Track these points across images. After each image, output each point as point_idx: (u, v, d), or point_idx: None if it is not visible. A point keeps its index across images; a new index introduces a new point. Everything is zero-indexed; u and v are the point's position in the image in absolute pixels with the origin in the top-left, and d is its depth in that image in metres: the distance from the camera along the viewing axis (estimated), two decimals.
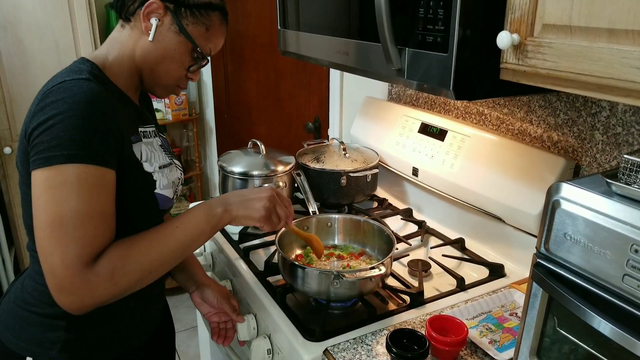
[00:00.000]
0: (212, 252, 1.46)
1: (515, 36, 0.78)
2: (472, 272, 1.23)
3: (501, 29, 0.80)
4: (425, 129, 1.48)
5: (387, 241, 1.15)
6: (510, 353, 0.91)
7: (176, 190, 1.04)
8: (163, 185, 0.97)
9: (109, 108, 0.85)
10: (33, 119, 0.82)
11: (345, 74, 1.96)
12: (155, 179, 0.96)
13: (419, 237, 1.39)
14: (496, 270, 1.22)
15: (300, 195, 1.52)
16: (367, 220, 1.24)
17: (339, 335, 1.00)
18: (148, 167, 0.95)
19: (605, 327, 0.64)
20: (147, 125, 1.01)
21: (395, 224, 1.48)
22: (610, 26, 0.67)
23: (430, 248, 1.35)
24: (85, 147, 0.80)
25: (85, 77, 0.85)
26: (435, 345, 0.90)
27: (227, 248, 1.36)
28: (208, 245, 1.48)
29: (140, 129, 0.97)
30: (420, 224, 1.45)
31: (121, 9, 0.95)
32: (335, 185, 1.47)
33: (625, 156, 0.65)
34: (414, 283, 1.15)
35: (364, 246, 1.25)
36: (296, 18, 1.31)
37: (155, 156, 0.98)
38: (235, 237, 1.39)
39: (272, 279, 1.20)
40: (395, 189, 1.67)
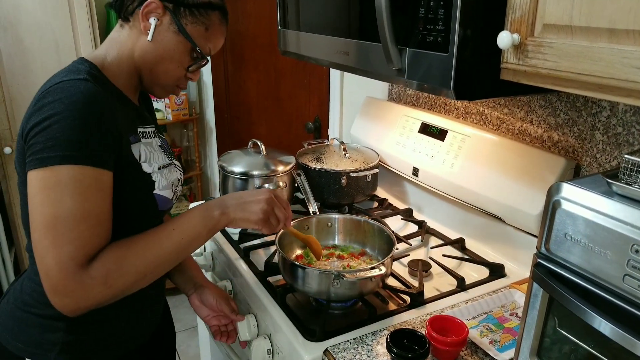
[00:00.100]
0: (212, 252, 1.46)
1: (515, 36, 0.78)
2: (473, 272, 1.23)
3: (501, 29, 0.80)
4: (426, 129, 1.48)
5: (388, 241, 1.15)
6: (510, 353, 0.91)
7: (175, 191, 1.03)
8: (162, 186, 0.96)
9: (107, 108, 0.84)
10: (30, 119, 0.82)
11: (345, 74, 1.96)
12: (154, 179, 0.95)
13: (419, 237, 1.39)
14: (496, 271, 1.22)
15: (300, 195, 1.52)
16: (368, 220, 1.24)
17: (339, 335, 1.00)
18: (147, 168, 0.94)
19: (605, 327, 0.64)
20: (147, 126, 1.00)
21: (395, 224, 1.48)
22: (610, 26, 0.67)
23: (431, 248, 1.35)
24: (82, 148, 0.80)
25: (83, 78, 0.85)
26: (435, 345, 0.90)
27: (227, 248, 1.36)
28: (208, 245, 1.48)
29: (139, 129, 0.97)
30: (421, 224, 1.45)
31: (120, 8, 0.95)
32: (335, 185, 1.47)
33: (626, 156, 0.65)
34: (414, 283, 1.15)
35: (364, 246, 1.25)
36: (296, 18, 1.31)
37: (155, 157, 0.97)
38: (236, 237, 1.39)
39: (273, 279, 1.20)
40: (395, 189, 1.67)
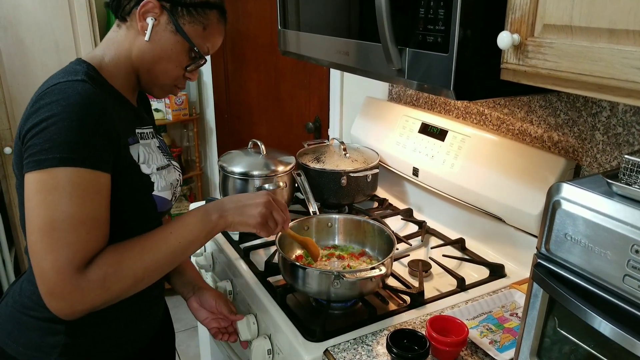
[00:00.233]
0: (213, 252, 1.46)
1: (515, 36, 0.78)
2: (473, 273, 1.23)
3: (502, 29, 0.80)
4: (426, 129, 1.48)
5: (388, 241, 1.15)
6: (510, 353, 0.91)
7: (174, 192, 1.03)
8: (161, 187, 0.96)
9: (105, 110, 0.83)
10: (27, 121, 0.81)
11: (345, 74, 1.96)
12: (153, 180, 0.95)
13: (420, 237, 1.39)
14: (496, 271, 1.22)
15: (300, 195, 1.52)
16: (368, 221, 1.24)
17: (339, 335, 1.00)
18: (146, 169, 0.94)
19: (605, 328, 0.64)
20: (145, 127, 1.00)
21: (395, 224, 1.48)
22: (611, 26, 0.67)
23: (431, 248, 1.35)
24: (79, 150, 0.79)
25: (81, 79, 0.84)
26: (435, 345, 0.90)
27: (228, 248, 1.36)
28: (208, 245, 1.47)
29: (138, 131, 0.96)
30: (421, 224, 1.45)
31: (117, 8, 0.94)
32: (335, 186, 1.47)
33: (626, 156, 0.65)
34: (415, 283, 1.15)
35: (364, 246, 1.25)
36: (296, 18, 1.31)
37: (153, 158, 0.97)
38: (236, 237, 1.39)
39: (273, 279, 1.20)
40: (395, 189, 1.67)
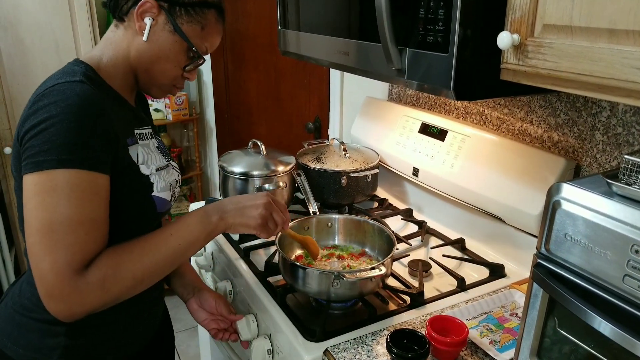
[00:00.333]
0: (213, 253, 1.46)
1: (515, 36, 0.78)
2: (473, 273, 1.23)
3: (501, 29, 0.80)
4: (426, 129, 1.48)
5: (388, 241, 1.15)
6: (510, 353, 0.91)
7: (174, 192, 1.02)
8: (160, 188, 0.96)
9: (103, 111, 0.83)
10: (25, 122, 0.81)
11: (345, 74, 1.96)
12: (152, 181, 0.94)
13: (420, 237, 1.39)
14: (496, 271, 1.22)
15: (300, 195, 1.52)
16: (368, 221, 1.24)
17: (339, 335, 1.00)
18: (145, 170, 0.94)
19: (605, 328, 0.64)
20: (144, 127, 0.99)
21: (395, 224, 1.48)
22: (610, 26, 0.67)
23: (431, 248, 1.35)
24: (77, 152, 0.79)
25: (79, 80, 0.84)
26: (435, 345, 0.90)
27: (228, 248, 1.36)
28: (208, 245, 1.47)
29: (136, 131, 0.96)
30: (421, 224, 1.45)
31: (114, 8, 0.93)
32: (335, 186, 1.47)
33: (626, 156, 0.65)
34: (415, 283, 1.15)
35: (364, 246, 1.25)
36: (296, 18, 1.31)
37: (152, 158, 0.97)
38: (236, 237, 1.39)
39: (273, 279, 1.20)
40: (395, 189, 1.67)
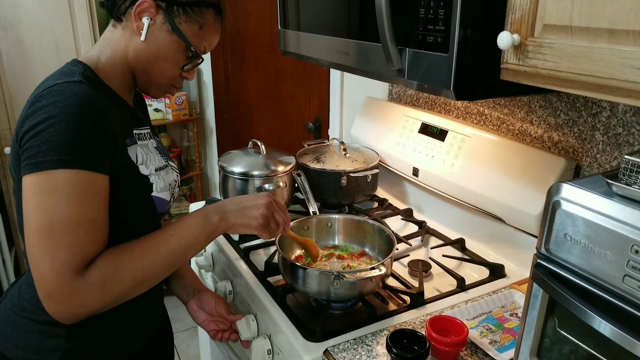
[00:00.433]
0: (212, 253, 1.46)
1: (515, 36, 0.78)
2: (473, 273, 1.23)
3: (501, 29, 0.80)
4: (426, 129, 1.48)
5: (388, 241, 1.15)
6: (510, 353, 0.91)
7: (173, 192, 1.02)
8: (160, 188, 0.96)
9: (102, 111, 0.83)
10: (24, 123, 0.80)
11: (345, 74, 1.96)
12: (151, 181, 0.94)
13: (419, 238, 1.39)
14: (496, 271, 1.22)
15: (300, 195, 1.52)
16: (368, 221, 1.24)
17: (339, 335, 1.00)
18: (144, 170, 0.93)
19: (605, 328, 0.64)
20: (142, 127, 0.99)
21: (395, 224, 1.48)
22: (610, 26, 0.67)
23: (431, 248, 1.35)
24: (77, 152, 0.78)
25: (77, 80, 0.83)
26: (435, 345, 0.90)
27: (228, 248, 1.36)
28: (208, 245, 1.47)
29: (135, 131, 0.96)
30: (421, 224, 1.45)
31: (112, 8, 0.93)
32: (335, 186, 1.47)
33: (626, 157, 0.65)
34: (414, 283, 1.15)
35: (364, 246, 1.25)
36: (296, 18, 1.31)
37: (151, 158, 0.96)
38: (236, 237, 1.39)
39: (273, 279, 1.20)
40: (395, 189, 1.67)
